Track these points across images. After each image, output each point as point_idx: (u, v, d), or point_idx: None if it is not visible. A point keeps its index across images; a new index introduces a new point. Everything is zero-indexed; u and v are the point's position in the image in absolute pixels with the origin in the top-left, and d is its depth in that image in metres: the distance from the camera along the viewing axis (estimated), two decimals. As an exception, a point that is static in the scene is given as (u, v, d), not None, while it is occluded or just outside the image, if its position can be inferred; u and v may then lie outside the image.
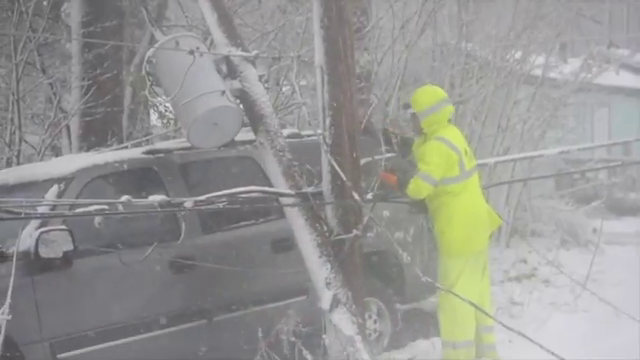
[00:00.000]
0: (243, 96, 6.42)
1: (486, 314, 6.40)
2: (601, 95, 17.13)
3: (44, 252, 5.65)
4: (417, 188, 6.46)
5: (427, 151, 6.55)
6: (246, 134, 6.68)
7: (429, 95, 6.79)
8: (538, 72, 13.57)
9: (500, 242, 12.64)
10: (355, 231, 6.11)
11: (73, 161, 6.78)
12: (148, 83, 6.53)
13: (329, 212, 6.23)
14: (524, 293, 9.08)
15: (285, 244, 6.77)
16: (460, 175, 6.60)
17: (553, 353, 6.03)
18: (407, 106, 6.96)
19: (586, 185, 16.26)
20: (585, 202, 14.90)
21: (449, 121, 6.82)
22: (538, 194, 14.22)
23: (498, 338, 6.97)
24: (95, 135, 9.96)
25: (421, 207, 6.95)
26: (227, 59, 6.45)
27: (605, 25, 22.02)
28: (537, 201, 14.00)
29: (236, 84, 6.42)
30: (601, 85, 16.47)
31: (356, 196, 6.03)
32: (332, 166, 6.11)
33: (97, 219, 5.79)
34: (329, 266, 6.00)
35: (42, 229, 5.67)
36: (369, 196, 6.44)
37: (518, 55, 13.06)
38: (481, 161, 9.38)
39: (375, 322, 7.41)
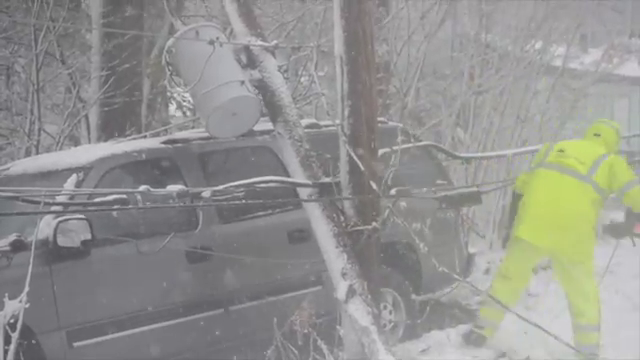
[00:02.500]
0: (262, 86, 6.43)
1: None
2: (622, 86, 17.02)
3: (62, 241, 5.67)
4: None
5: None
6: (265, 124, 6.69)
7: None
8: (558, 62, 13.47)
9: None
10: (374, 224, 6.11)
11: (92, 151, 6.82)
12: (168, 73, 6.56)
13: (346, 202, 6.23)
14: (540, 285, 9.04)
15: (302, 234, 6.78)
16: (535, 165, 7.16)
17: (569, 345, 6.03)
18: None
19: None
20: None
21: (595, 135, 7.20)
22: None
23: (513, 329, 6.97)
24: (114, 125, 10.00)
25: (454, 202, 7.03)
26: (247, 49, 6.47)
27: (626, 15, 21.80)
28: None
29: (255, 74, 6.44)
30: (622, 76, 16.34)
31: (374, 186, 6.03)
32: (350, 156, 6.11)
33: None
34: (345, 257, 6.00)
35: (60, 218, 5.69)
36: (392, 192, 6.43)
37: (538, 45, 12.97)
38: (499, 152, 9.37)
39: (390, 313, 7.41)
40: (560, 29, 13.13)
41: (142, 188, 5.60)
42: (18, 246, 5.63)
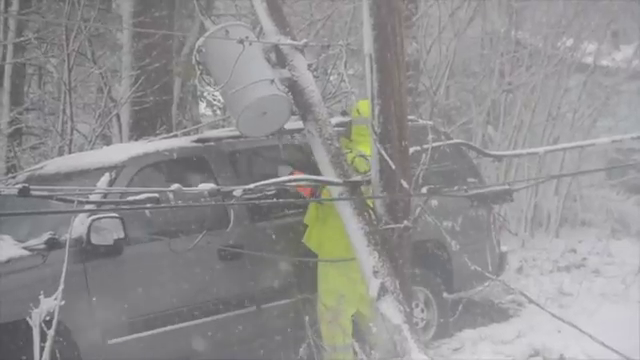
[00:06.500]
0: (292, 85, 6.44)
1: None
2: (654, 83, 16.83)
3: (96, 239, 5.73)
4: None
5: None
6: (295, 122, 6.70)
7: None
8: (589, 60, 13.38)
9: (549, 232, 12.53)
10: (405, 222, 6.09)
11: (124, 150, 6.85)
12: (198, 72, 6.58)
13: (377, 201, 6.22)
14: (574, 283, 8.98)
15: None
16: None
17: (603, 344, 5.97)
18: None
19: (638, 174, 16.01)
20: (636, 191, 14.68)
21: None
22: (588, 184, 14.05)
23: (547, 328, 6.93)
24: (145, 124, 10.06)
25: (485, 200, 7.00)
26: (276, 48, 6.48)
27: (659, 11, 21.60)
28: (587, 190, 13.84)
29: (285, 73, 6.44)
30: (654, 72, 16.19)
31: (405, 184, 6.01)
32: (381, 155, 6.09)
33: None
34: (377, 255, 5.99)
35: (94, 217, 5.74)
36: (423, 190, 6.40)
37: (569, 42, 12.89)
38: (531, 150, 9.33)
39: (422, 311, 7.40)
40: (591, 26, 13.03)
41: (174, 187, 5.60)
42: (52, 244, 5.70)
